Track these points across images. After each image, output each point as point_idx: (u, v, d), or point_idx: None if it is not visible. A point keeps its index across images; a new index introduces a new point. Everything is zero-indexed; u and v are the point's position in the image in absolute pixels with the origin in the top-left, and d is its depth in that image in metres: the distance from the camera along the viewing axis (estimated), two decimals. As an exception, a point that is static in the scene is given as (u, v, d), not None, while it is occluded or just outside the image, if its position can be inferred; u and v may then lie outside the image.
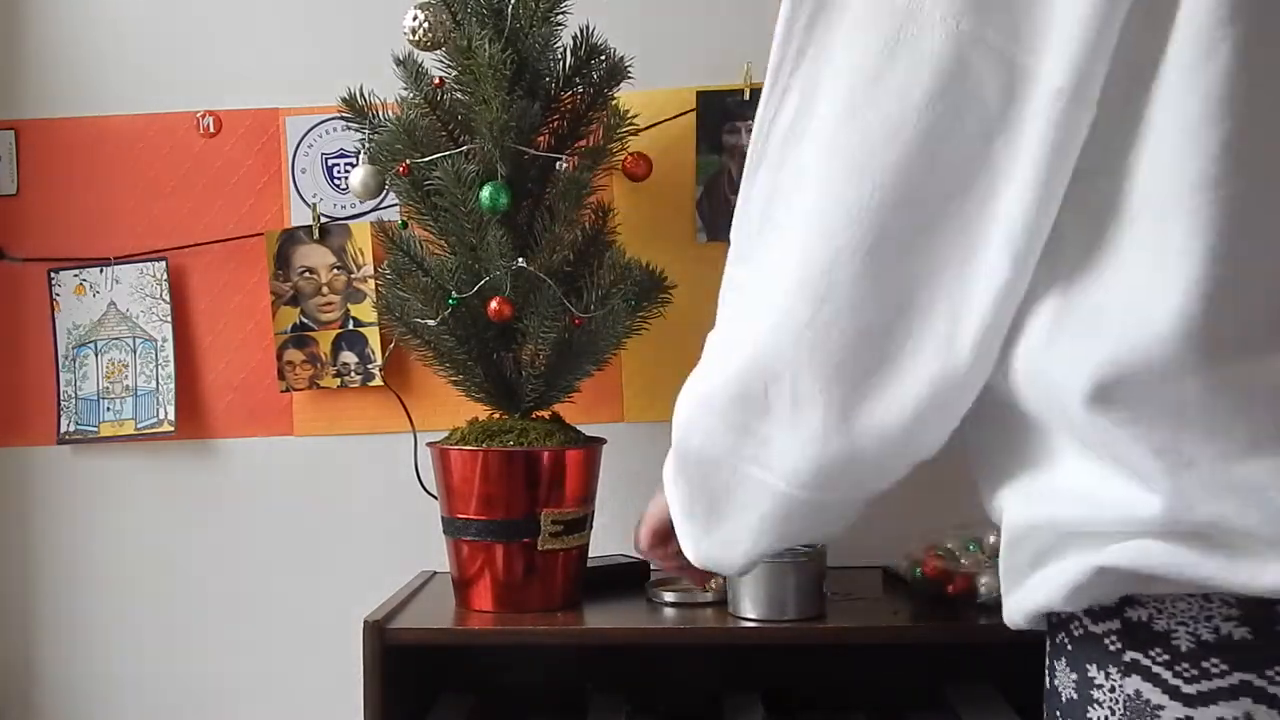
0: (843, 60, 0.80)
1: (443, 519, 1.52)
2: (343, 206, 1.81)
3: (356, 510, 1.81)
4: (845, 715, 1.60)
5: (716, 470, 0.90)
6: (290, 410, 1.82)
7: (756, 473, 0.87)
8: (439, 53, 1.52)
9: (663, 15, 1.76)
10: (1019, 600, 0.86)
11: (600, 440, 1.56)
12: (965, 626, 1.41)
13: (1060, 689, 0.84)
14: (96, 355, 1.83)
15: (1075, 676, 0.82)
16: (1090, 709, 0.80)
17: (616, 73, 1.56)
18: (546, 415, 1.55)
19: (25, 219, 1.84)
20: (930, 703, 1.58)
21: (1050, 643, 0.86)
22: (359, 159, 1.62)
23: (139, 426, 1.81)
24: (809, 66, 0.83)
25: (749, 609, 1.41)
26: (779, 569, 1.40)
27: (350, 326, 1.79)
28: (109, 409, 1.82)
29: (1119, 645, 0.78)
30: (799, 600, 1.40)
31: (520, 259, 1.45)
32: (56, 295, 1.83)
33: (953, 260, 0.77)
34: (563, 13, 1.53)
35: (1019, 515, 0.83)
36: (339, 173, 1.81)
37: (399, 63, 1.56)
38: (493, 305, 1.44)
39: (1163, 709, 0.75)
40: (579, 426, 1.56)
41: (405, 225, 1.57)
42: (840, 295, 0.79)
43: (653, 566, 1.60)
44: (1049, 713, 0.86)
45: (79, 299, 1.83)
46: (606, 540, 1.65)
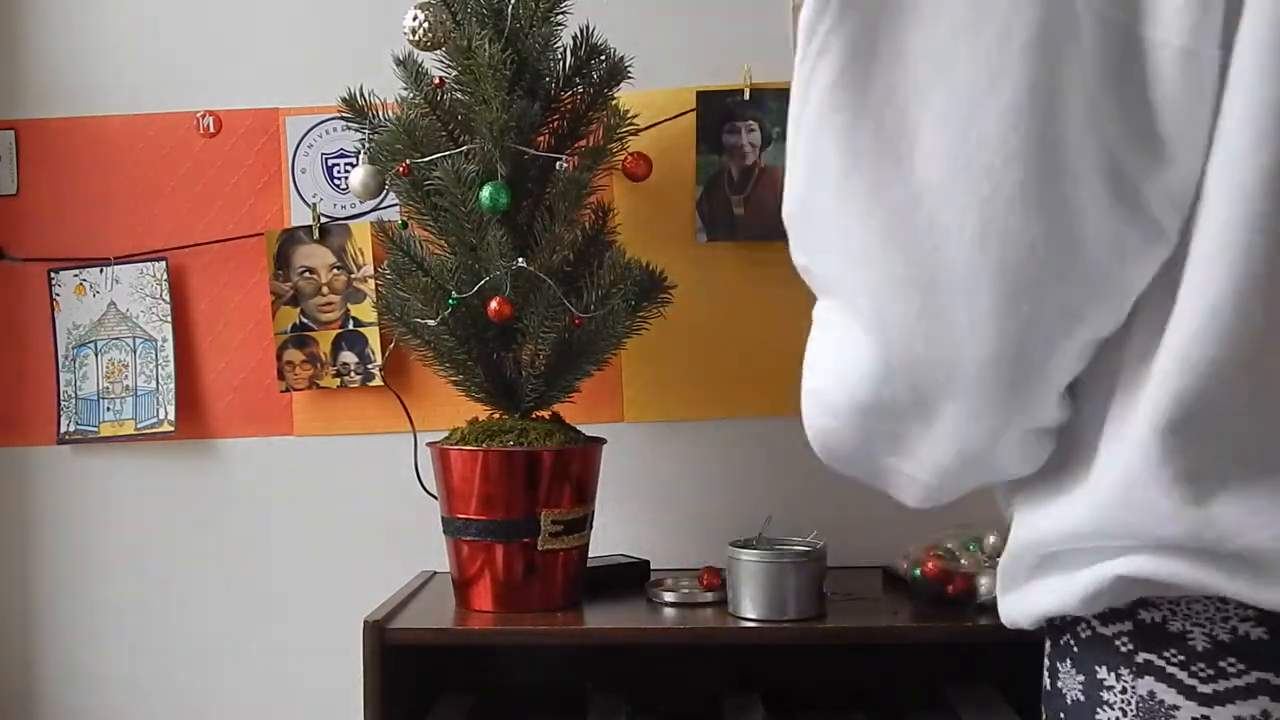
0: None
1: (443, 519, 1.52)
2: (343, 206, 1.81)
3: (356, 510, 1.81)
4: (845, 715, 1.60)
5: (857, 466, 0.87)
6: (290, 410, 1.82)
7: (899, 465, 0.84)
8: (439, 53, 1.52)
9: (663, 15, 1.77)
10: (1023, 602, 0.85)
11: (600, 440, 1.56)
12: (965, 626, 1.40)
13: (1064, 691, 0.83)
14: (96, 355, 1.83)
15: (1083, 678, 0.81)
16: (1099, 711, 0.79)
17: (616, 73, 1.56)
18: (546, 415, 1.55)
19: (25, 219, 1.84)
20: (930, 703, 1.58)
21: (1052, 644, 0.86)
22: (359, 159, 1.62)
23: (139, 426, 1.81)
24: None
25: (749, 609, 1.41)
26: (779, 569, 1.40)
27: (350, 326, 1.79)
28: (109, 409, 1.82)
29: (1131, 647, 0.77)
30: (799, 600, 1.40)
31: (520, 259, 1.45)
32: (56, 295, 1.83)
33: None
34: (563, 13, 1.53)
35: (1034, 518, 0.82)
36: (339, 173, 1.81)
37: (399, 63, 1.56)
38: (493, 305, 1.44)
39: (1178, 709, 0.75)
40: (579, 426, 1.56)
41: (405, 225, 1.57)
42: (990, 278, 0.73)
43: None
44: (1050, 714, 0.86)
45: (79, 299, 1.83)
46: (606, 540, 1.66)
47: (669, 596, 1.52)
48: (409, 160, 1.50)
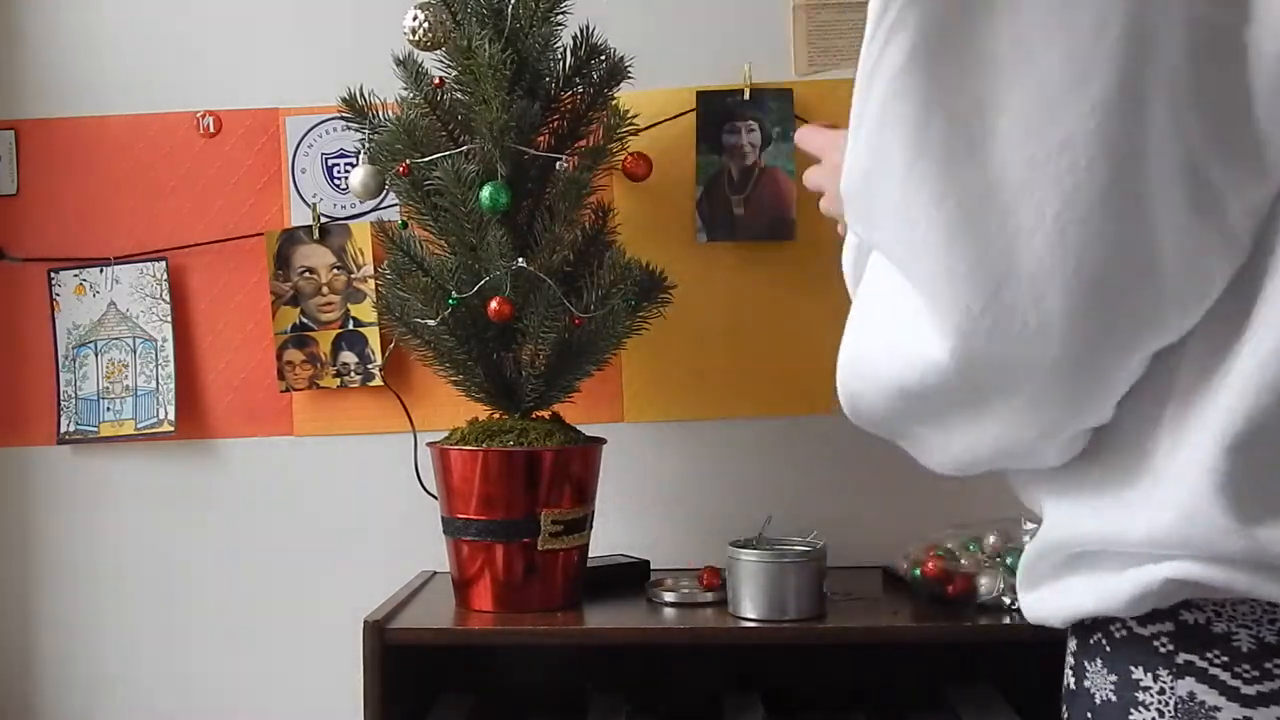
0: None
1: (443, 519, 1.52)
2: (343, 206, 1.81)
3: (356, 510, 1.81)
4: (845, 715, 1.60)
5: (882, 428, 0.85)
6: (290, 410, 1.82)
7: (930, 435, 0.82)
8: (439, 53, 1.52)
9: (663, 15, 1.77)
10: (1055, 600, 0.83)
11: (600, 440, 1.56)
12: (965, 626, 1.40)
13: (1093, 690, 0.82)
14: (96, 355, 1.83)
15: (1115, 678, 0.79)
16: (1134, 711, 0.78)
17: (616, 73, 1.56)
18: (546, 415, 1.55)
19: (25, 219, 1.84)
20: (930, 703, 1.58)
21: (1079, 643, 0.84)
22: (359, 159, 1.62)
23: (139, 426, 1.81)
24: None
25: (749, 609, 1.41)
26: (779, 569, 1.40)
27: (350, 326, 1.79)
28: (109, 409, 1.82)
29: (1171, 647, 0.76)
30: (799, 600, 1.40)
31: (520, 259, 1.45)
32: (56, 295, 1.83)
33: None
34: (563, 13, 1.53)
35: (1071, 517, 0.80)
36: (339, 173, 1.81)
37: (399, 63, 1.56)
38: (493, 305, 1.44)
39: (1219, 710, 0.74)
40: (579, 426, 1.57)
41: (405, 225, 1.57)
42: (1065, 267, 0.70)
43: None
44: (1075, 713, 0.84)
45: (79, 299, 1.83)
46: (606, 540, 1.66)
47: (669, 596, 1.52)
48: (409, 160, 1.50)
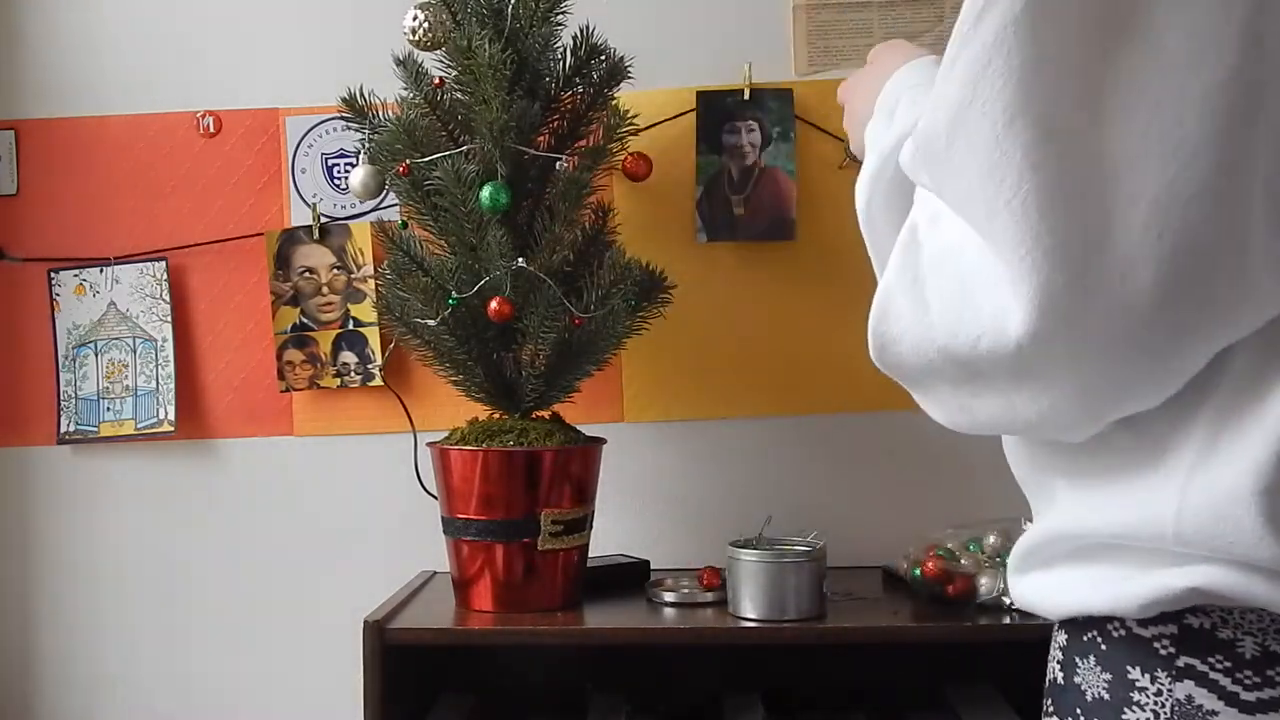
0: None
1: (443, 519, 1.52)
2: (343, 206, 1.81)
3: (356, 510, 1.81)
4: (845, 715, 1.60)
5: (904, 378, 0.82)
6: (290, 410, 1.82)
7: (952, 394, 0.79)
8: (439, 53, 1.52)
9: (663, 15, 1.76)
10: (1056, 593, 0.82)
11: (600, 440, 1.56)
12: (965, 626, 1.40)
13: (1084, 687, 0.81)
14: (96, 355, 1.83)
15: (1109, 677, 0.79)
16: (1127, 711, 0.78)
17: (616, 73, 1.56)
18: (546, 415, 1.55)
19: (25, 219, 1.84)
20: (930, 703, 1.58)
21: (1071, 638, 0.83)
22: (359, 159, 1.62)
23: (139, 426, 1.81)
24: None
25: (749, 609, 1.41)
26: (779, 569, 1.40)
27: (350, 326, 1.79)
28: (109, 409, 1.82)
29: (1172, 650, 0.76)
30: (799, 600, 1.40)
31: (520, 259, 1.45)
32: (56, 295, 1.83)
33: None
34: (563, 13, 1.54)
35: (1085, 507, 0.79)
36: (339, 173, 1.81)
37: (399, 63, 1.56)
38: (493, 305, 1.44)
39: (1216, 715, 0.74)
40: (579, 426, 1.57)
41: (405, 225, 1.57)
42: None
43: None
44: (1064, 708, 0.83)
45: (79, 299, 1.83)
46: (606, 540, 1.66)
47: (669, 596, 1.52)
48: (409, 160, 1.50)
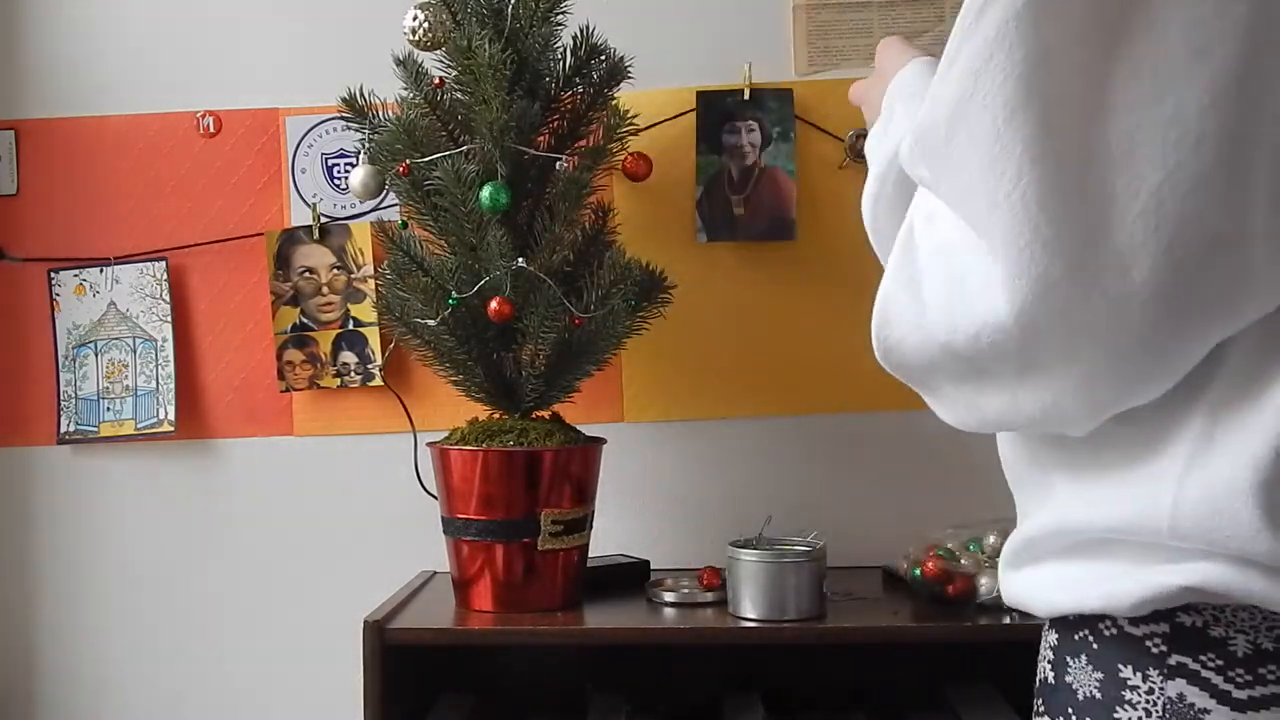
0: None
1: (443, 519, 1.52)
2: (343, 206, 1.81)
3: (356, 510, 1.81)
4: (845, 715, 1.60)
5: (908, 376, 0.82)
6: (290, 410, 1.82)
7: (956, 391, 0.79)
8: (439, 53, 1.52)
9: (663, 15, 1.77)
10: (1047, 590, 0.82)
11: (600, 440, 1.56)
12: (965, 626, 1.40)
13: (1075, 685, 0.81)
14: (96, 355, 1.83)
15: (1101, 676, 0.79)
16: (1119, 710, 0.77)
17: (616, 73, 1.56)
18: (546, 415, 1.55)
19: (25, 219, 1.84)
20: (930, 703, 1.58)
21: (1061, 637, 0.83)
22: (359, 159, 1.62)
23: (139, 426, 1.81)
24: None
25: (749, 609, 1.41)
26: (779, 569, 1.40)
27: (350, 326, 1.79)
28: (109, 409, 1.82)
29: (1164, 648, 0.76)
30: (799, 600, 1.40)
31: (520, 259, 1.45)
32: (56, 295, 1.83)
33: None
34: (563, 13, 1.53)
35: (1083, 501, 0.79)
36: (339, 173, 1.81)
37: (399, 63, 1.56)
38: (493, 305, 1.44)
39: (1208, 712, 0.73)
40: (579, 426, 1.57)
41: (405, 225, 1.57)
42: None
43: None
44: (1055, 708, 0.83)
45: (79, 299, 1.83)
46: (606, 540, 1.66)
47: (669, 596, 1.52)
48: (409, 160, 1.50)
